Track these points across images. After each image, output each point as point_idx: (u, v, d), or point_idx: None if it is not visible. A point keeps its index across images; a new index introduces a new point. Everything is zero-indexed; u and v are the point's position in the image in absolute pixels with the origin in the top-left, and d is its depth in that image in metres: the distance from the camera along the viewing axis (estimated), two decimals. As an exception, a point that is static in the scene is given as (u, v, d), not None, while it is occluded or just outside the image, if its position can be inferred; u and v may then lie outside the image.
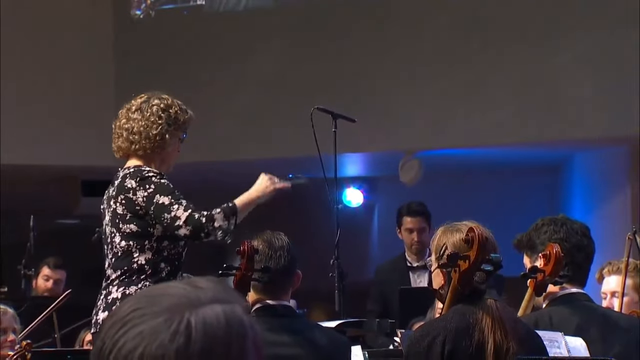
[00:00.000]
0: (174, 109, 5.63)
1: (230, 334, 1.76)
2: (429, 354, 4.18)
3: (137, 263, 5.46)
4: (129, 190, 5.49)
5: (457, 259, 4.27)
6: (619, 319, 5.21)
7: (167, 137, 5.58)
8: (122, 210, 5.49)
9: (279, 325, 4.96)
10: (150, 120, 5.60)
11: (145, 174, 5.51)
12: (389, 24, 10.43)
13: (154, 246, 5.47)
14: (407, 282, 8.44)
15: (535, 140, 10.30)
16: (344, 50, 10.46)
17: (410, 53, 10.30)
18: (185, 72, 10.66)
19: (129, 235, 5.48)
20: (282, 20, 10.77)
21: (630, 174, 10.49)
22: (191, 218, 5.38)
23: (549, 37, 9.96)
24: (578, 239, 5.08)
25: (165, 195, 5.43)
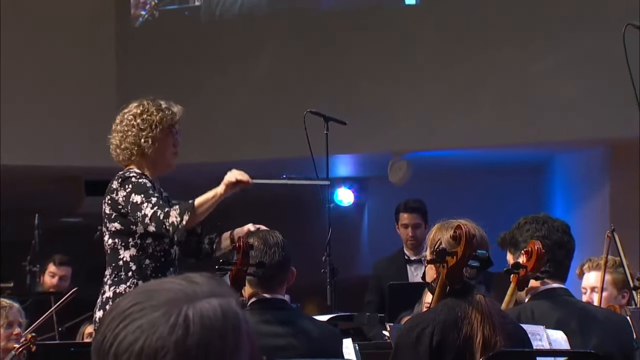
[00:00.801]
0: (148, 113, 5.59)
1: (226, 326, 1.76)
2: (418, 345, 4.18)
3: (123, 260, 5.49)
4: (113, 191, 5.53)
5: (445, 255, 4.29)
6: (598, 313, 5.22)
7: (143, 142, 5.56)
8: (109, 210, 5.53)
9: (273, 317, 4.96)
10: (124, 131, 5.62)
11: (127, 174, 5.54)
12: (380, 31, 10.43)
13: (138, 243, 5.49)
14: (405, 275, 8.48)
15: (518, 142, 10.30)
16: (337, 56, 10.46)
17: (398, 60, 10.30)
18: (185, 75, 10.64)
19: (115, 233, 5.51)
20: (278, 27, 10.77)
21: (608, 174, 10.49)
22: (154, 215, 5.39)
23: (531, 43, 9.96)
24: (559, 237, 5.09)
25: (139, 194, 5.44)
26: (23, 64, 10.81)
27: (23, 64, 10.80)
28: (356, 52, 10.42)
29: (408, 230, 8.62)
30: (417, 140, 10.28)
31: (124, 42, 11.23)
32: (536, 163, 11.46)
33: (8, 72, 10.57)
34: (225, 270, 5.04)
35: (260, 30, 10.76)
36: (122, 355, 1.75)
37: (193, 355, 1.74)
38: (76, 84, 10.99)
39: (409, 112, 10.17)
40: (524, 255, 4.93)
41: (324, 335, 5.06)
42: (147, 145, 5.57)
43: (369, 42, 10.42)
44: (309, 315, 5.71)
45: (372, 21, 10.49)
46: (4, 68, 10.54)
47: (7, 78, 10.56)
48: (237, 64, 10.68)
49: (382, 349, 5.48)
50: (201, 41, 10.96)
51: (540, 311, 4.95)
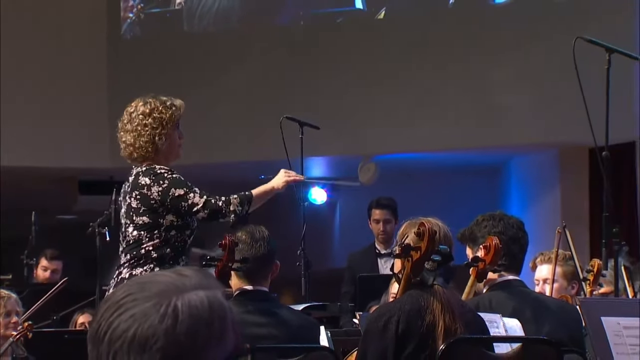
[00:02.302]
0: (158, 111, 5.58)
1: (212, 316, 1.77)
2: (385, 332, 4.19)
3: (145, 249, 5.46)
4: (144, 186, 5.47)
5: (410, 250, 4.30)
6: (550, 303, 5.24)
7: (157, 140, 5.57)
8: (137, 204, 5.48)
9: (255, 308, 4.96)
10: (137, 131, 5.56)
11: (157, 170, 5.51)
12: (350, 45, 10.44)
13: (162, 235, 5.48)
14: (376, 267, 8.50)
15: (477, 146, 10.33)
16: (311, 68, 10.46)
17: (367, 70, 10.31)
18: (173, 83, 10.57)
19: (142, 226, 5.47)
20: (256, 41, 10.76)
21: (559, 175, 10.54)
22: (208, 203, 5.42)
23: (490, 56, 10.00)
24: (514, 232, 5.10)
25: (180, 188, 5.44)
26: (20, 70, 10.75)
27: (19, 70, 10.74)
28: (330, 64, 10.43)
29: (379, 225, 8.64)
30: (384, 143, 10.30)
31: (115, 48, 11.17)
32: (494, 165, 11.49)
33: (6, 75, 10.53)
34: (211, 265, 5.05)
35: (243, 42, 10.76)
36: (116, 342, 1.76)
37: (181, 343, 1.74)
38: (69, 89, 10.95)
39: (377, 118, 10.19)
40: (482, 250, 4.94)
41: (303, 325, 5.06)
42: (162, 143, 5.55)
43: (342, 54, 10.43)
44: (289, 306, 5.72)
45: (344, 35, 10.50)
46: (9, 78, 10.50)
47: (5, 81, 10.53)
48: (222, 73, 10.67)
49: (352, 335, 5.50)
50: (189, 50, 10.93)
51: (497, 301, 4.96)
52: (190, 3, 10.97)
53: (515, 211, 9.65)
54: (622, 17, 9.47)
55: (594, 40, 6.28)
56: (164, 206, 5.44)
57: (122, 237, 5.58)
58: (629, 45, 8.41)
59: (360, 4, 10.64)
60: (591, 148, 9.22)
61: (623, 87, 8.13)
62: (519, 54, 9.86)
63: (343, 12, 10.70)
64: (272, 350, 4.79)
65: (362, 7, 10.64)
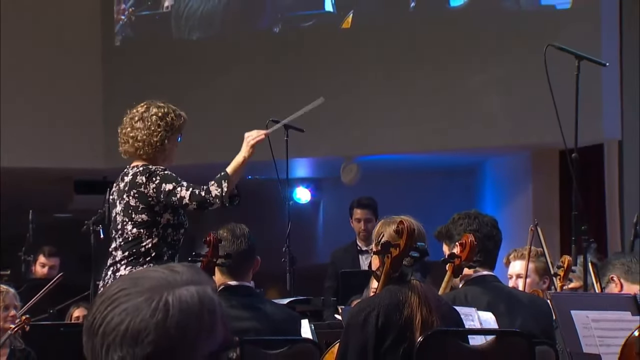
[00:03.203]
0: (170, 117, 5.62)
1: (202, 310, 1.77)
2: (365, 325, 4.19)
3: (145, 247, 5.45)
4: (141, 185, 5.46)
5: (389, 247, 4.30)
6: (522, 297, 5.25)
7: (166, 142, 5.58)
8: (135, 202, 5.46)
9: (239, 302, 4.95)
10: (150, 130, 5.56)
11: (152, 170, 5.50)
12: (333, 52, 10.44)
13: (160, 233, 5.47)
14: (357, 263, 8.51)
15: (454, 148, 10.34)
16: (295, 74, 10.46)
17: (350, 77, 10.31)
18: (165, 88, 10.51)
19: (141, 224, 5.46)
20: (245, 46, 10.74)
21: (531, 176, 10.56)
22: (193, 195, 5.40)
23: (466, 62, 10.01)
24: (488, 230, 5.11)
25: (169, 182, 5.43)
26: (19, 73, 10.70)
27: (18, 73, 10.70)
28: (314, 69, 10.43)
29: (360, 224, 8.65)
30: (365, 145, 10.30)
31: (110, 51, 11.12)
32: (469, 166, 11.51)
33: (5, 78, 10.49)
34: (196, 261, 5.05)
35: (232, 48, 10.74)
36: (110, 335, 1.76)
37: (172, 336, 1.74)
38: (66, 94, 10.91)
39: (359, 121, 10.20)
40: (458, 247, 4.96)
41: (285, 318, 5.06)
42: (169, 146, 5.58)
43: (325, 61, 10.43)
44: (271, 300, 5.72)
45: (327, 42, 10.49)
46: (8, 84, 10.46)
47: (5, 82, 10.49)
48: (212, 78, 10.64)
49: (334, 328, 5.50)
50: (182, 54, 10.89)
51: (473, 295, 4.97)
52: (177, 6, 10.92)
53: (489, 210, 9.67)
54: (589, 25, 9.50)
55: (564, 48, 6.30)
56: (160, 203, 5.43)
57: (117, 234, 5.55)
58: (595, 50, 8.44)
59: (330, 6, 10.62)
60: (561, 150, 9.27)
61: (591, 92, 8.16)
62: (493, 61, 9.88)
63: (314, 15, 10.67)
64: (259, 342, 4.79)
65: (332, 10, 10.62)
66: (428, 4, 10.37)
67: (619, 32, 9.73)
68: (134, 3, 11.08)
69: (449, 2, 10.34)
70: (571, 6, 9.66)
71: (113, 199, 5.61)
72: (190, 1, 10.81)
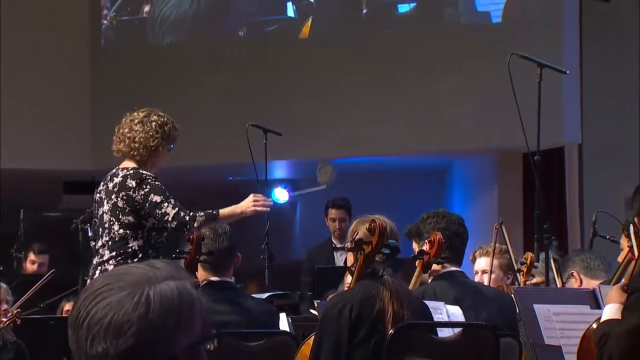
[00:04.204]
0: (168, 126, 5.63)
1: (181, 304, 1.78)
2: (339, 318, 4.19)
3: (132, 248, 5.43)
4: (130, 188, 5.45)
5: (362, 244, 4.30)
6: (488, 292, 5.26)
7: (160, 149, 5.58)
8: (123, 204, 5.45)
9: (220, 297, 4.95)
10: (149, 134, 5.57)
11: (143, 176, 5.49)
12: (309, 60, 10.43)
13: (145, 235, 5.45)
14: (332, 260, 8.52)
15: (424, 150, 10.36)
16: (275, 80, 10.44)
17: (325, 82, 10.31)
18: (149, 94, 10.51)
19: (127, 225, 5.44)
20: (226, 54, 10.71)
21: (497, 177, 10.58)
22: (177, 215, 5.38)
23: (435, 68, 10.02)
24: (456, 228, 5.12)
25: (158, 195, 5.41)
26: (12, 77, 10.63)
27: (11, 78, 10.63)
28: (291, 77, 10.41)
29: (335, 223, 8.65)
30: (340, 148, 10.30)
31: (97, 57, 11.05)
32: (438, 168, 11.53)
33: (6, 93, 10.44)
34: (180, 258, 5.05)
35: (213, 54, 10.71)
36: (94, 328, 1.76)
37: (153, 328, 1.75)
38: (56, 98, 10.85)
39: (334, 125, 10.20)
40: (427, 244, 4.96)
41: (263, 312, 5.07)
42: (162, 153, 5.60)
43: (301, 69, 10.42)
44: (250, 294, 5.72)
45: (300, 54, 10.47)
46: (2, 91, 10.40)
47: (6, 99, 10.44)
48: (194, 83, 10.61)
49: (310, 321, 5.49)
50: (163, 67, 10.85)
51: (441, 290, 4.97)
52: (152, 12, 10.87)
53: (457, 209, 9.69)
54: (551, 35, 9.53)
55: (527, 57, 6.32)
56: (144, 209, 5.42)
57: (104, 232, 5.53)
58: (557, 59, 8.46)
59: (291, 12, 10.61)
60: (524, 153, 9.28)
61: (552, 98, 8.19)
62: (460, 69, 9.90)
63: (276, 20, 10.66)
64: (239, 335, 4.78)
65: (294, 16, 10.60)
66: (379, 9, 10.37)
67: (579, 42, 9.77)
68: (116, 8, 11.00)
69: (397, 9, 10.37)
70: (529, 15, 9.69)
71: (100, 198, 5.58)
72: (164, 7, 10.76)
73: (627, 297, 3.52)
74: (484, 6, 10.00)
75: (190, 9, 10.68)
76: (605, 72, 10.12)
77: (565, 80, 8.69)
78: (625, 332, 3.43)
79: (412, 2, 10.21)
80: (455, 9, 10.14)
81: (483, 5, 10.01)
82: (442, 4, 10.16)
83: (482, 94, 9.67)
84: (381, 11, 10.37)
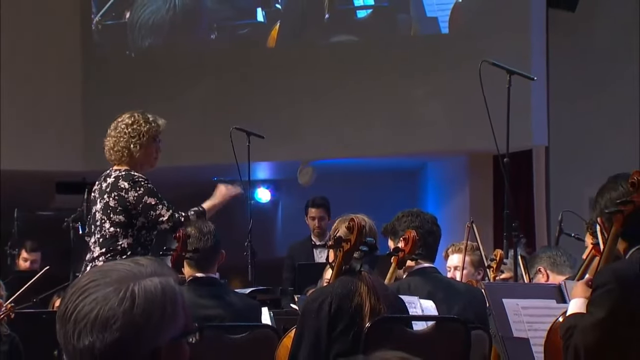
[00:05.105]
0: (137, 124, 5.56)
1: (165, 299, 1.78)
2: (319, 312, 4.19)
3: (121, 246, 5.42)
4: (122, 189, 5.43)
5: (341, 242, 4.30)
6: (459, 287, 5.26)
7: (132, 147, 5.52)
8: (114, 204, 5.43)
9: (205, 292, 4.94)
10: (117, 137, 5.55)
11: (136, 178, 5.47)
12: (291, 66, 10.41)
13: (135, 234, 5.44)
14: (312, 256, 8.51)
15: (398, 152, 10.36)
16: (257, 85, 10.42)
17: (306, 87, 10.30)
18: (140, 97, 10.45)
19: (118, 224, 5.42)
20: (212, 61, 10.67)
21: (468, 178, 10.60)
22: (172, 217, 5.39)
23: (410, 75, 10.02)
24: (429, 226, 5.12)
25: (152, 197, 5.41)
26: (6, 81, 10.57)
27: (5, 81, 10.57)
28: (273, 83, 10.39)
29: (315, 221, 8.64)
30: (320, 150, 10.29)
31: (88, 62, 10.98)
32: (413, 169, 11.54)
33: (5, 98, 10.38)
34: (167, 255, 5.03)
35: (198, 64, 10.67)
36: (81, 322, 1.76)
37: (138, 322, 1.75)
38: (49, 102, 10.79)
39: (314, 128, 10.18)
40: (402, 241, 4.96)
41: (246, 307, 5.06)
42: (135, 150, 5.52)
43: (283, 75, 10.40)
44: (234, 290, 5.71)
45: (285, 59, 10.45)
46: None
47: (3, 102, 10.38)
48: (178, 91, 10.56)
49: (291, 315, 5.48)
50: (151, 72, 10.80)
51: (415, 285, 4.97)
52: (132, 17, 10.81)
53: (430, 209, 9.69)
54: (520, 43, 9.55)
55: (497, 63, 6.33)
56: (136, 210, 5.40)
57: (95, 230, 5.51)
58: (525, 66, 8.48)
59: (261, 17, 10.58)
60: (495, 155, 9.29)
61: (521, 103, 8.19)
62: (434, 74, 9.91)
63: (246, 24, 10.63)
64: (223, 328, 4.77)
65: (263, 21, 10.58)
66: (339, 15, 10.37)
67: (546, 50, 9.80)
68: (102, 13, 10.93)
69: (356, 14, 10.37)
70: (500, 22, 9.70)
71: (94, 197, 5.58)
72: (143, 13, 10.71)
73: (592, 292, 3.51)
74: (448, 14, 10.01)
75: (167, 15, 10.63)
76: (571, 79, 10.16)
77: (534, 86, 8.71)
78: (590, 325, 3.44)
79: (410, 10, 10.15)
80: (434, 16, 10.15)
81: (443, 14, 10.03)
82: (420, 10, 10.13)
83: (455, 99, 9.68)
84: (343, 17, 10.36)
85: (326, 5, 10.28)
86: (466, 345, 4.45)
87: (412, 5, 10.11)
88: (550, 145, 9.99)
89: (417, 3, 10.04)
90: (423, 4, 10.03)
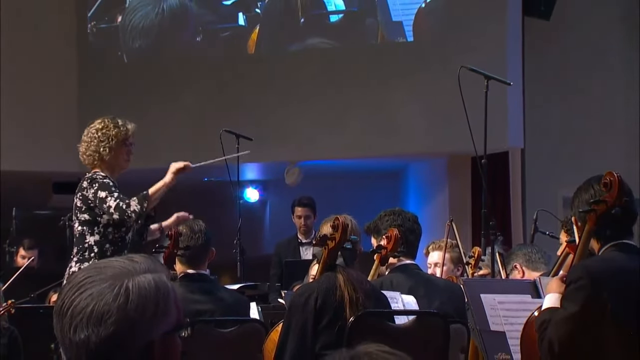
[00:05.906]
0: (107, 128, 5.55)
1: (158, 295, 1.78)
2: (305, 307, 4.19)
3: (88, 244, 5.41)
4: (84, 189, 5.46)
5: (326, 240, 4.31)
6: (439, 282, 5.27)
7: (102, 151, 5.51)
8: (80, 203, 5.45)
9: (196, 288, 4.93)
10: (88, 142, 5.57)
11: (94, 176, 5.47)
12: (279, 73, 10.40)
13: (101, 231, 5.42)
14: (298, 253, 8.49)
15: (381, 154, 10.37)
16: (247, 91, 10.41)
17: (292, 93, 10.29)
18: (132, 100, 10.44)
19: (84, 222, 5.43)
20: (198, 64, 10.65)
21: (448, 179, 10.61)
22: (117, 206, 5.35)
23: (391, 80, 10.03)
24: (410, 225, 5.12)
25: (103, 190, 5.39)
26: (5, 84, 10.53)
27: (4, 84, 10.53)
28: (262, 87, 10.39)
29: (301, 220, 8.63)
30: (306, 152, 10.29)
31: (85, 64, 10.94)
32: (394, 171, 11.55)
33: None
34: (159, 252, 5.03)
35: (189, 69, 10.66)
36: (77, 317, 1.76)
37: (132, 317, 1.75)
38: (46, 104, 10.76)
39: (300, 130, 10.18)
40: (384, 239, 4.96)
41: (235, 302, 5.05)
42: (105, 153, 5.51)
43: (270, 81, 10.39)
44: (224, 285, 5.70)
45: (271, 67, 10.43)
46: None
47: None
48: (170, 96, 10.55)
49: (278, 310, 5.48)
50: (145, 77, 10.77)
51: (397, 281, 4.98)
52: (123, 21, 10.78)
53: (412, 208, 9.70)
54: (496, 50, 9.57)
55: (475, 69, 6.34)
56: (95, 205, 5.39)
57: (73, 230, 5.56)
58: (502, 71, 8.50)
59: (242, 21, 10.57)
60: (473, 157, 9.33)
61: (498, 107, 8.22)
62: (414, 79, 9.92)
63: (228, 27, 10.62)
64: (213, 322, 4.76)
65: (244, 24, 10.57)
66: (313, 19, 10.37)
67: (522, 56, 9.83)
68: (96, 17, 10.89)
69: (329, 18, 10.37)
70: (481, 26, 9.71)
71: None
72: (134, 17, 10.68)
73: (566, 287, 3.53)
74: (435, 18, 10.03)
75: (155, 19, 10.60)
76: (546, 84, 10.20)
77: (510, 90, 8.73)
78: (564, 319, 3.45)
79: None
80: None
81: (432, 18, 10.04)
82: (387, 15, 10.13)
83: (434, 102, 9.69)
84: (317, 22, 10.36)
85: (299, 9, 10.27)
86: (446, 339, 4.45)
87: (379, 11, 10.09)
88: (525, 147, 10.02)
89: (383, 8, 10.03)
90: (389, 9, 10.03)
